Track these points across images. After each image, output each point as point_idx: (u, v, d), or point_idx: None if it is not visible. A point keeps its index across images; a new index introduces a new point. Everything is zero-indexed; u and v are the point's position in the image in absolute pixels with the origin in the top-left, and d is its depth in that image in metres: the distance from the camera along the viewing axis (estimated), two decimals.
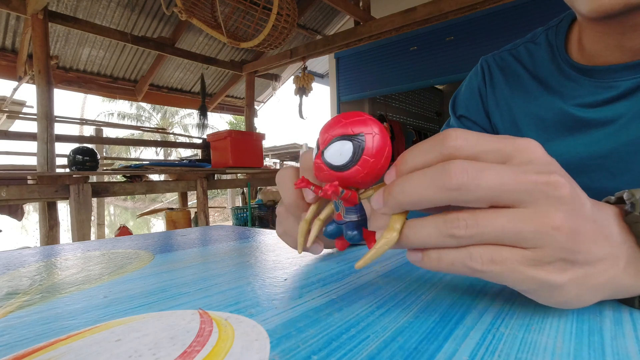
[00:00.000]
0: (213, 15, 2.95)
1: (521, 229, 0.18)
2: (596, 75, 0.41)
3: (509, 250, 0.18)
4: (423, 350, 0.17)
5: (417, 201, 0.19)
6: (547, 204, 0.18)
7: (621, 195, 0.22)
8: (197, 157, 4.19)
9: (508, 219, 0.18)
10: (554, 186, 0.18)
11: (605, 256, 0.19)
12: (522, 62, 0.49)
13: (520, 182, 0.18)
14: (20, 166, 3.42)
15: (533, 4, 2.99)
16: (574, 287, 0.19)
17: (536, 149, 0.19)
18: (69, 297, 0.26)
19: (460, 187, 0.18)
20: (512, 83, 0.49)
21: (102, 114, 17.45)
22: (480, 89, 0.53)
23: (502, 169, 0.18)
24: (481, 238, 0.18)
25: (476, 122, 0.53)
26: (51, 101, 2.54)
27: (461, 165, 0.18)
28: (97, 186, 2.41)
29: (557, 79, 0.45)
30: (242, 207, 3.82)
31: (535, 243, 0.18)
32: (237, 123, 16.05)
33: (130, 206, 18.71)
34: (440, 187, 0.18)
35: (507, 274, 0.19)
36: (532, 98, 0.47)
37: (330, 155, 0.21)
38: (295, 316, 0.21)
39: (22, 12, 2.49)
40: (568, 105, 0.43)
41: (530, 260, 0.18)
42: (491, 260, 0.18)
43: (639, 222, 0.20)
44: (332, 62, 4.70)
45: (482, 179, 0.18)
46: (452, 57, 3.60)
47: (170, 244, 0.48)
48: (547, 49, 0.47)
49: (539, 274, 0.18)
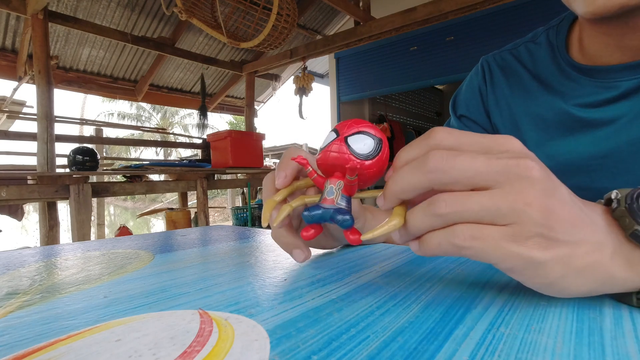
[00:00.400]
0: (213, 15, 2.95)
1: (498, 205, 0.19)
2: (597, 75, 0.40)
3: (489, 227, 0.20)
4: (423, 350, 0.17)
5: (406, 188, 0.22)
6: (520, 183, 0.19)
7: (609, 197, 0.22)
8: (197, 157, 4.19)
9: (485, 198, 0.20)
10: (525, 167, 0.19)
11: (587, 239, 0.20)
12: (522, 61, 0.49)
13: (493, 165, 0.20)
14: (20, 166, 3.41)
15: (533, 4, 2.99)
16: (558, 266, 0.20)
17: (514, 142, 0.21)
18: (69, 297, 0.26)
19: (436, 169, 0.20)
20: (512, 83, 0.49)
21: (102, 114, 17.46)
22: (481, 89, 0.53)
23: (476, 155, 0.20)
24: (462, 216, 0.20)
25: (476, 121, 0.53)
26: (51, 101, 2.54)
27: (439, 152, 0.21)
28: (97, 186, 2.41)
29: (557, 78, 0.45)
30: (242, 207, 3.82)
31: (511, 219, 0.19)
32: (237, 123, 16.05)
33: (130, 206, 18.71)
34: (422, 171, 0.21)
35: (490, 250, 0.20)
36: (533, 98, 0.47)
37: (354, 142, 0.24)
38: (295, 316, 0.21)
39: (22, 12, 2.49)
40: (569, 105, 0.43)
41: (509, 236, 0.19)
42: (472, 236, 0.20)
43: (625, 216, 0.20)
44: (332, 62, 4.70)
45: (457, 162, 0.20)
46: (452, 57, 3.60)
47: (170, 244, 0.48)
48: (548, 49, 0.47)
49: (520, 249, 0.19)
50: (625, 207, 0.20)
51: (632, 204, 0.20)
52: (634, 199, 0.20)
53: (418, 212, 0.21)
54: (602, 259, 0.20)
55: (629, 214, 0.20)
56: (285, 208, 0.27)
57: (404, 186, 0.22)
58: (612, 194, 0.22)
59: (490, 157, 0.20)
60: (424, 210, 0.21)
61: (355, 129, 0.25)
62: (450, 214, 0.20)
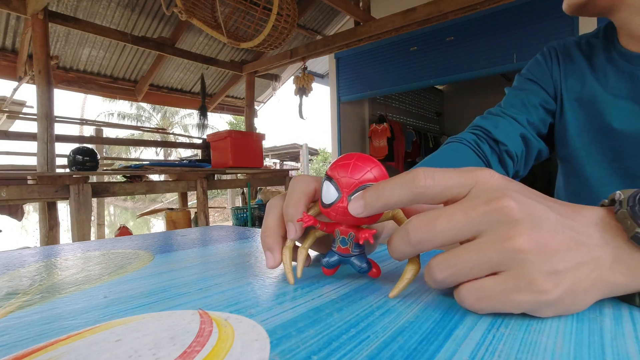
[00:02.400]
0: (213, 16, 2.95)
1: (489, 257, 0.20)
2: (634, 61, 0.48)
3: (490, 282, 0.20)
4: (423, 350, 0.17)
5: (396, 255, 0.23)
6: (504, 229, 0.20)
7: (613, 197, 0.22)
8: (197, 157, 4.19)
9: (473, 252, 0.20)
10: (503, 213, 0.19)
11: (585, 259, 0.20)
12: (583, 51, 0.57)
13: (471, 217, 0.20)
14: (20, 166, 3.42)
15: (533, 4, 2.99)
16: (567, 296, 0.19)
17: (492, 177, 0.21)
18: (69, 297, 0.26)
19: (421, 241, 0.21)
20: (568, 66, 0.57)
21: (102, 114, 17.45)
22: (547, 62, 0.60)
23: (453, 211, 0.21)
24: (458, 278, 0.21)
25: (541, 84, 0.60)
26: (51, 101, 2.54)
27: (417, 223, 0.21)
28: (97, 186, 2.41)
29: (605, 66, 0.52)
30: (242, 208, 3.82)
31: (506, 266, 0.19)
32: (237, 123, 16.05)
33: (130, 206, 18.71)
34: (407, 243, 0.22)
35: (500, 306, 0.20)
36: (586, 83, 0.55)
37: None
38: (295, 316, 0.21)
39: (22, 12, 2.49)
40: (604, 91, 0.52)
41: (513, 286, 0.19)
42: (477, 298, 0.20)
43: (627, 218, 0.20)
44: (332, 63, 4.70)
45: (437, 227, 0.20)
46: (452, 57, 3.60)
47: (170, 244, 0.48)
48: (603, 39, 0.54)
49: (527, 296, 0.19)
50: (627, 209, 0.20)
51: (634, 206, 0.20)
52: (636, 201, 0.20)
53: (425, 278, 0.22)
54: (602, 272, 0.20)
55: (631, 217, 0.20)
56: (302, 253, 0.28)
57: (395, 254, 0.23)
58: (616, 194, 0.22)
59: (467, 208, 0.20)
60: (428, 278, 0.22)
61: (355, 182, 0.24)
62: (447, 278, 0.21)
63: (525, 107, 0.59)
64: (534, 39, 3.02)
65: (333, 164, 0.25)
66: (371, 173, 0.24)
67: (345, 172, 0.24)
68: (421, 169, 0.22)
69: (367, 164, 0.24)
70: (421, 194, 0.21)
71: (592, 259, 0.20)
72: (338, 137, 4.66)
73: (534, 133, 0.58)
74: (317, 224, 0.26)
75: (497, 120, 0.58)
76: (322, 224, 0.27)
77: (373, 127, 4.85)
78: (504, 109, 0.60)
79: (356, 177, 0.24)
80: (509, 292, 0.19)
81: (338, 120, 4.66)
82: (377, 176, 0.24)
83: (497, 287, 0.20)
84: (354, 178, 0.24)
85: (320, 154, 13.98)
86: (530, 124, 0.58)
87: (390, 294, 0.24)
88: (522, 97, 0.59)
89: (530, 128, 0.58)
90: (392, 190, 0.22)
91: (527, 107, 0.59)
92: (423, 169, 0.22)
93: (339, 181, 0.24)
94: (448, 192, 0.21)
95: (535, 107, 0.59)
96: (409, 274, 0.23)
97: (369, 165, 0.24)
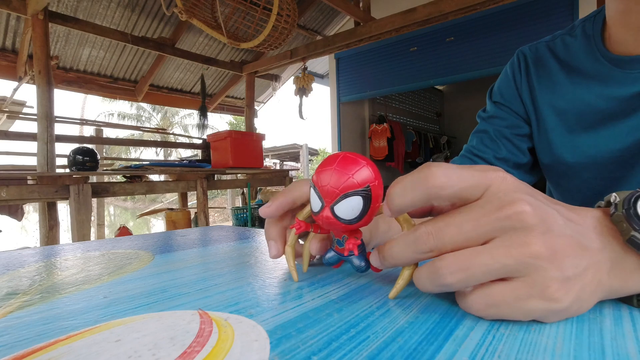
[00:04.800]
0: (213, 16, 2.95)
1: (503, 263, 0.19)
2: (627, 66, 0.43)
3: (501, 289, 0.19)
4: (423, 350, 0.17)
5: (402, 263, 0.23)
6: (518, 235, 0.19)
7: (609, 199, 0.22)
8: (197, 157, 4.18)
9: (487, 257, 0.19)
10: (517, 219, 0.19)
11: (589, 264, 0.20)
12: (556, 54, 0.52)
13: (482, 225, 0.20)
14: (20, 166, 3.41)
15: (533, 4, 2.99)
16: (575, 304, 0.19)
17: (504, 179, 0.21)
18: (69, 298, 0.26)
19: (432, 249, 0.21)
20: (541, 74, 0.52)
21: (102, 114, 17.45)
22: (515, 77, 0.56)
23: (464, 218, 0.20)
24: (468, 283, 0.20)
25: (510, 107, 0.56)
26: (51, 101, 2.54)
27: (426, 231, 0.21)
28: (97, 186, 2.41)
29: (591, 69, 0.47)
30: (242, 208, 3.82)
31: (520, 273, 0.19)
32: (237, 123, 16.05)
33: (130, 206, 18.70)
34: (415, 251, 0.21)
35: (509, 313, 0.20)
36: (558, 91, 0.50)
37: (342, 212, 0.23)
38: (295, 316, 0.21)
39: (22, 12, 2.49)
40: (594, 96, 0.46)
41: (525, 294, 0.19)
42: (487, 305, 0.20)
43: (622, 221, 0.20)
44: (332, 63, 4.70)
45: (446, 235, 0.20)
46: (452, 58, 3.61)
47: (170, 244, 0.48)
48: (584, 41, 0.48)
49: (539, 304, 0.19)
50: (623, 212, 0.20)
51: (629, 209, 0.20)
52: (631, 204, 0.20)
53: (425, 280, 0.21)
54: (602, 277, 0.20)
55: (626, 220, 0.20)
56: (306, 254, 0.29)
57: (399, 262, 0.23)
58: (611, 197, 0.22)
59: (479, 215, 0.20)
60: (430, 280, 0.21)
61: (336, 192, 0.22)
62: (457, 282, 0.20)
63: (493, 141, 0.56)
64: (534, 39, 3.01)
65: (317, 168, 0.24)
66: (354, 179, 0.22)
67: (327, 180, 0.23)
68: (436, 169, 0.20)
69: (349, 168, 0.22)
70: (435, 197, 0.21)
71: (593, 264, 0.20)
72: (338, 137, 4.66)
73: (505, 167, 0.55)
74: (309, 228, 0.27)
75: (465, 162, 0.56)
76: (315, 227, 0.27)
77: (373, 127, 4.85)
78: (473, 148, 0.58)
79: (338, 185, 0.22)
80: (521, 299, 0.19)
81: (338, 121, 4.66)
82: (359, 181, 0.22)
83: (508, 295, 0.19)
84: (335, 187, 0.22)
85: (321, 154, 13.97)
86: (499, 160, 0.55)
87: (390, 294, 0.24)
88: (490, 130, 0.56)
89: (499, 163, 0.55)
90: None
91: (495, 141, 0.56)
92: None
93: (321, 190, 0.23)
94: (464, 194, 0.21)
95: (505, 139, 0.55)
96: (407, 272, 0.23)
97: (352, 169, 0.22)
